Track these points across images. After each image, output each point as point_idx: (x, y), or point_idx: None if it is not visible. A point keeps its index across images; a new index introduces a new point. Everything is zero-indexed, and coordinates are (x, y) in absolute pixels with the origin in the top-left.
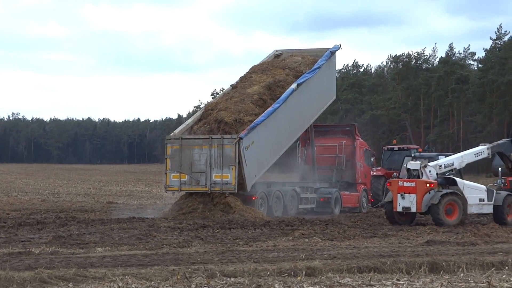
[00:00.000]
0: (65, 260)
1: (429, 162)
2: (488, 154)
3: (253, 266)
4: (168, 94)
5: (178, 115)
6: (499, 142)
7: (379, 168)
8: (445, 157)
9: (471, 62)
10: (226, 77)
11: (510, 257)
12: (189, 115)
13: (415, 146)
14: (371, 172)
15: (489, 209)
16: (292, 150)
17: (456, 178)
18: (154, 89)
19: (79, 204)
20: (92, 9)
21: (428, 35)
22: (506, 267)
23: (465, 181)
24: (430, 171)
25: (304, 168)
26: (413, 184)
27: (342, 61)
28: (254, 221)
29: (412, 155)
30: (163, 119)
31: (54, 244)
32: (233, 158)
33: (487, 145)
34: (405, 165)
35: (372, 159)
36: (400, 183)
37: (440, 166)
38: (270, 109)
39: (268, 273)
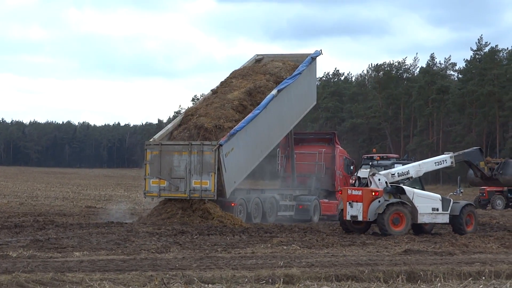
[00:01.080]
0: (43, 264)
1: (384, 169)
2: (452, 163)
3: (231, 273)
4: (149, 99)
5: (159, 120)
6: (466, 150)
7: None
8: (402, 165)
9: (452, 72)
10: (208, 83)
11: (487, 267)
12: (169, 120)
13: (395, 155)
14: (350, 181)
15: (444, 219)
16: (272, 158)
17: (405, 187)
18: (135, 94)
19: (58, 208)
20: (75, 12)
21: (410, 45)
22: (483, 277)
23: (416, 190)
24: (379, 179)
25: (283, 175)
26: (359, 193)
27: (323, 69)
28: (232, 228)
29: (370, 163)
30: (143, 123)
31: (31, 248)
32: (213, 165)
33: (451, 154)
34: (356, 174)
35: (351, 167)
36: (349, 191)
37: (393, 174)
38: (250, 115)
39: (246, 280)
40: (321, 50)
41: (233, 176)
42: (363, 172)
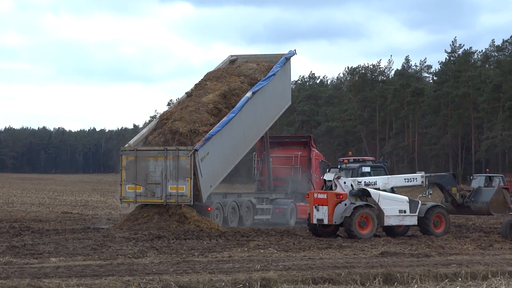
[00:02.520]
0: (19, 270)
1: (351, 173)
2: (422, 182)
3: (208, 277)
4: (125, 104)
5: (134, 125)
6: (439, 174)
7: None
8: (370, 168)
9: (427, 75)
10: (184, 88)
11: (463, 269)
12: (145, 125)
13: (371, 158)
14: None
15: (412, 221)
16: (248, 161)
17: (370, 190)
18: (111, 99)
19: (34, 214)
20: (51, 18)
21: (387, 48)
22: (460, 279)
23: (381, 192)
24: (345, 183)
25: (260, 179)
26: (325, 196)
27: (299, 72)
28: (209, 232)
29: (339, 167)
30: (119, 129)
31: (7, 254)
32: (189, 170)
33: (422, 173)
34: (322, 177)
35: (327, 170)
36: (315, 195)
37: (359, 182)
38: (225, 119)
39: (223, 284)
40: (295, 50)
41: (209, 181)
42: (328, 175)
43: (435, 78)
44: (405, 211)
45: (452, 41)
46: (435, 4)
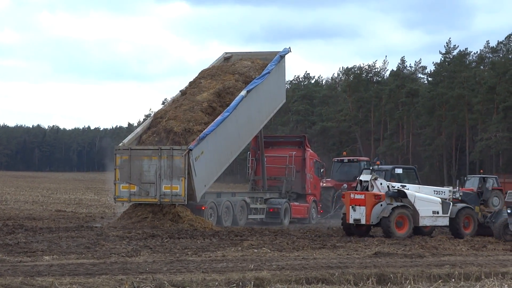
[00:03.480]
0: (12, 269)
1: (385, 174)
2: (449, 197)
3: (201, 276)
4: (120, 103)
5: (129, 124)
6: (466, 191)
7: (328, 179)
8: (402, 170)
9: (422, 76)
10: (180, 87)
11: (456, 270)
12: (140, 124)
13: (365, 158)
14: (321, 184)
15: (444, 222)
16: (243, 161)
17: (407, 191)
18: (106, 98)
19: (27, 212)
20: (48, 16)
21: (383, 48)
22: (453, 280)
23: (417, 194)
24: (381, 184)
25: (254, 178)
26: (362, 197)
27: (295, 72)
28: (203, 231)
29: (371, 168)
30: (114, 127)
31: (1, 252)
32: (183, 169)
33: (450, 188)
34: (358, 178)
35: (322, 170)
36: (352, 195)
37: (393, 186)
38: (219, 118)
39: (217, 283)
40: (289, 47)
41: (203, 180)
42: (365, 176)
43: (430, 79)
44: (438, 212)
45: (447, 42)
46: (431, 5)
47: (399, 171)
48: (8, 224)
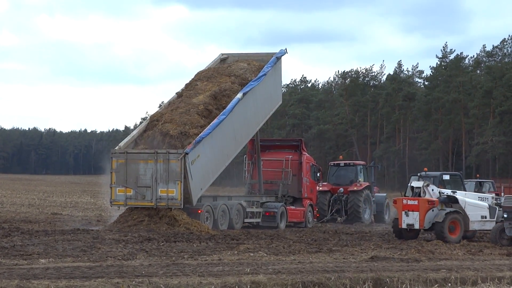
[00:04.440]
0: (8, 272)
1: (433, 181)
2: (491, 204)
3: (197, 280)
4: (118, 106)
5: (125, 127)
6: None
7: (325, 183)
8: (449, 176)
9: (419, 80)
10: (177, 90)
11: (453, 274)
12: (136, 127)
13: (362, 162)
14: (317, 187)
15: (491, 226)
16: (239, 164)
17: (458, 197)
18: (104, 101)
19: (23, 215)
20: (46, 19)
21: (380, 52)
22: (449, 284)
23: (467, 199)
24: (432, 190)
25: (250, 182)
26: (415, 202)
27: (292, 75)
28: (199, 235)
29: (418, 174)
30: (110, 130)
31: None
32: (179, 173)
33: (493, 195)
34: (409, 184)
35: (318, 174)
36: (404, 201)
37: (443, 193)
38: (215, 121)
39: (213, 287)
40: (286, 49)
41: (199, 183)
42: (417, 183)
43: (426, 83)
44: (486, 217)
45: (443, 46)
46: (429, 9)
47: (446, 177)
48: (4, 227)
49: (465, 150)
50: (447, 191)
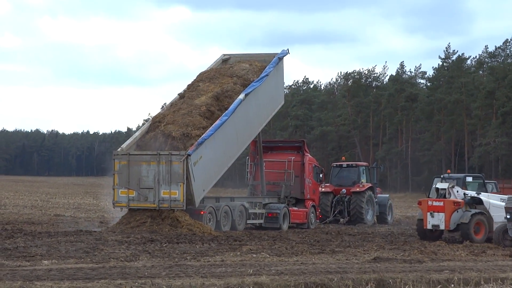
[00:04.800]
0: (11, 273)
1: (457, 182)
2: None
3: (200, 281)
4: (120, 107)
5: (128, 128)
6: None
7: (327, 184)
8: (472, 178)
9: (421, 80)
10: (180, 91)
11: (456, 275)
12: (138, 129)
13: (364, 163)
14: (320, 189)
15: None
16: (241, 166)
17: (482, 198)
18: (106, 102)
19: (26, 216)
20: (49, 21)
21: (383, 53)
22: (452, 285)
23: (491, 201)
24: (457, 191)
25: (253, 183)
26: (441, 204)
27: (295, 76)
28: (202, 236)
29: (441, 176)
30: (112, 132)
31: None
32: (181, 175)
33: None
34: (434, 186)
35: (320, 175)
36: (429, 202)
37: (467, 194)
38: (218, 122)
39: None
40: (287, 49)
41: (202, 185)
42: (442, 184)
43: (428, 84)
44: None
45: (446, 47)
46: (432, 10)
47: (469, 179)
48: (7, 228)
49: (467, 151)
50: (472, 193)
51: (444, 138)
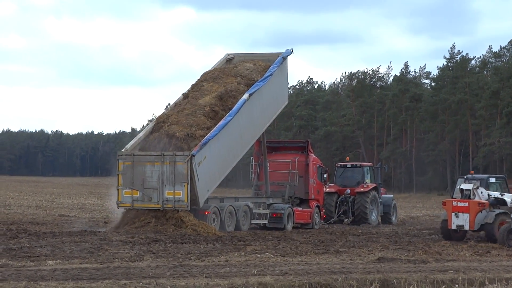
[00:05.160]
0: (16, 273)
1: (480, 183)
2: None
3: (204, 281)
4: (124, 108)
5: (132, 129)
6: None
7: (332, 184)
8: (495, 179)
9: (426, 81)
10: (184, 91)
11: (460, 275)
12: (143, 129)
13: (368, 163)
14: (324, 189)
15: None
16: (246, 166)
17: (506, 199)
18: (111, 103)
19: (31, 217)
20: (54, 21)
21: (388, 54)
22: (456, 285)
23: None
24: (482, 192)
25: (257, 183)
26: (466, 204)
27: (299, 77)
28: (206, 236)
29: (465, 177)
30: (117, 132)
31: (4, 256)
32: (186, 175)
33: None
34: (458, 186)
35: (325, 175)
36: (454, 203)
37: (490, 195)
38: (222, 122)
39: None
40: (291, 48)
41: (206, 185)
42: (466, 185)
43: (433, 84)
44: None
45: (451, 47)
46: (437, 11)
47: (492, 180)
48: (11, 228)
49: (472, 151)
50: (495, 193)
51: (448, 138)
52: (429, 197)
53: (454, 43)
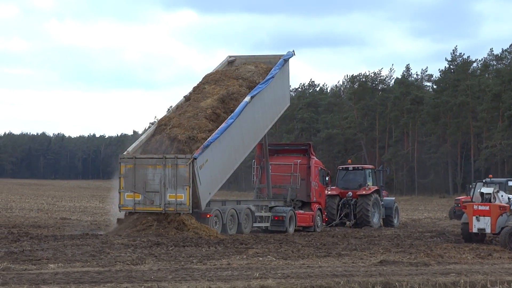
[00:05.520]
0: (17, 277)
1: (499, 186)
2: None
3: (206, 285)
4: (126, 111)
5: (134, 132)
6: None
7: (333, 187)
8: None
9: (427, 83)
10: (186, 94)
11: (462, 278)
12: (144, 132)
13: (370, 166)
14: (326, 191)
15: None
16: (247, 169)
17: None
18: (113, 105)
19: (32, 220)
20: (56, 24)
21: (390, 57)
22: None
23: None
24: (502, 196)
25: (259, 186)
26: (487, 208)
27: (301, 79)
28: (208, 239)
29: (484, 181)
30: (119, 135)
31: (6, 260)
32: (187, 178)
33: None
34: (478, 190)
35: (327, 178)
36: (475, 207)
37: (510, 199)
38: (223, 125)
39: None
40: (293, 50)
41: (208, 188)
42: (487, 189)
43: (434, 86)
44: None
45: (453, 50)
46: (439, 14)
47: (511, 183)
48: (13, 232)
49: (473, 154)
50: None
51: (450, 141)
52: (431, 199)
53: (456, 46)
